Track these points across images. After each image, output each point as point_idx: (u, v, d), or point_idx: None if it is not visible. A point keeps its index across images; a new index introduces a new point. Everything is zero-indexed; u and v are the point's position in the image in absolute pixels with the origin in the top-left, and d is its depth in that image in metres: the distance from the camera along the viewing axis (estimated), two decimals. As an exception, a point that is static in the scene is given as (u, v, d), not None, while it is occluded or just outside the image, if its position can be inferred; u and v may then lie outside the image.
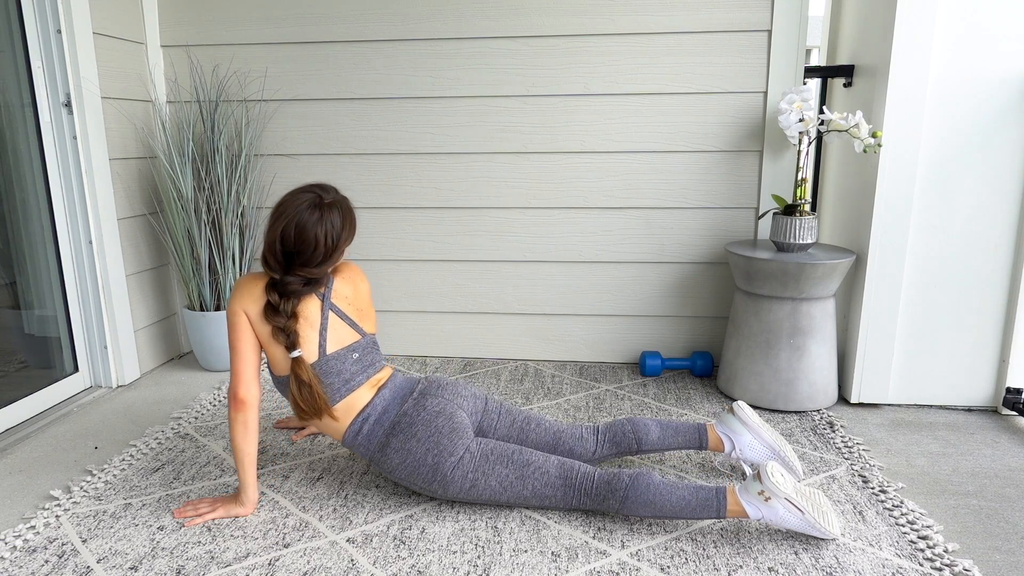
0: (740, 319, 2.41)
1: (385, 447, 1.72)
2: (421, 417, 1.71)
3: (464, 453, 1.69)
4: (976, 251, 2.27)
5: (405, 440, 1.70)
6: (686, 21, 2.51)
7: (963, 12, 2.13)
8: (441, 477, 1.68)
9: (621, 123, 2.62)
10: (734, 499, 1.59)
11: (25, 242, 2.38)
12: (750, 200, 2.64)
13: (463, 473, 1.68)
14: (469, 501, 1.73)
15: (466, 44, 2.61)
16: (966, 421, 2.29)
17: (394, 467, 1.71)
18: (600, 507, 1.68)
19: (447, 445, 1.68)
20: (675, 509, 1.60)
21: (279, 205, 1.69)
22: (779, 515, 1.57)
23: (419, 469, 1.69)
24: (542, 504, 1.71)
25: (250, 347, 1.67)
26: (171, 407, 2.41)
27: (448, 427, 1.70)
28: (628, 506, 1.63)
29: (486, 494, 1.69)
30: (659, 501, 1.61)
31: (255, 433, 1.68)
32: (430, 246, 2.81)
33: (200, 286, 2.66)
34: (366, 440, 1.73)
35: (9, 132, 2.30)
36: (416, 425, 1.70)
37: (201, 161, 2.62)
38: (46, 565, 1.53)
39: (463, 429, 1.72)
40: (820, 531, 1.58)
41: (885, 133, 2.22)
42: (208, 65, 2.73)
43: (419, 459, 1.68)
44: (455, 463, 1.68)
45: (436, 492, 1.71)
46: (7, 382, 2.30)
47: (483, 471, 1.69)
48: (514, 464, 1.69)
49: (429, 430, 1.69)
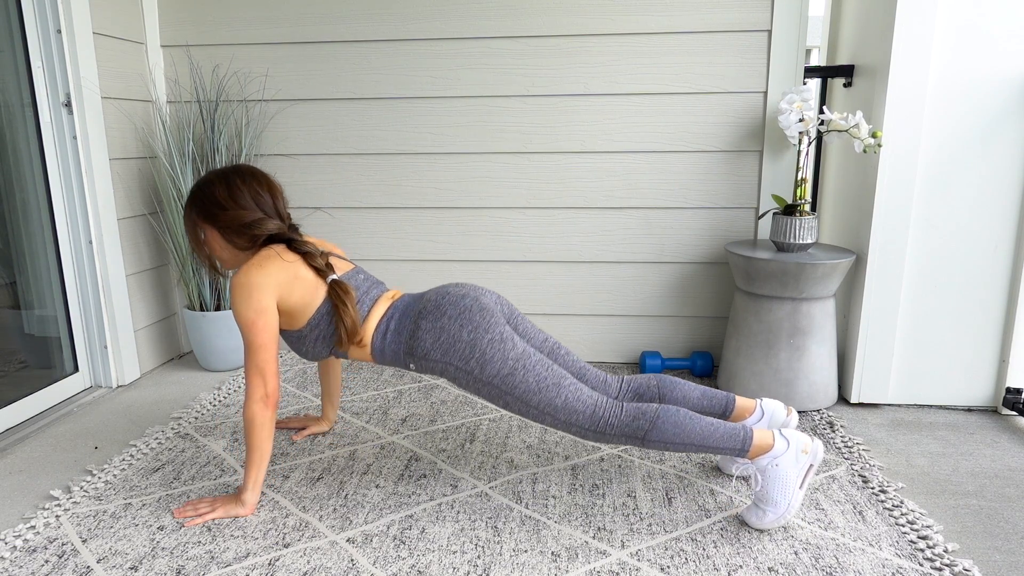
0: (740, 319, 2.41)
1: (415, 333, 1.69)
2: (447, 300, 1.70)
3: (503, 333, 1.67)
4: (976, 251, 2.27)
5: (435, 319, 1.68)
6: (686, 21, 2.51)
7: (963, 12, 2.13)
8: (480, 354, 1.65)
9: (621, 123, 2.62)
10: (760, 433, 1.62)
11: (25, 242, 2.38)
12: (750, 200, 2.64)
13: (503, 355, 1.65)
14: (500, 392, 1.67)
15: (466, 44, 2.61)
16: (966, 421, 2.29)
17: (428, 350, 1.68)
18: (627, 431, 1.64)
19: (481, 322, 1.67)
20: (702, 435, 1.61)
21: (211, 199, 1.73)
22: (786, 468, 1.60)
23: (455, 345, 1.66)
24: (568, 420, 1.66)
25: (274, 340, 1.67)
26: (171, 407, 2.41)
27: (477, 307, 1.69)
28: (657, 429, 1.61)
29: (520, 388, 1.65)
30: (687, 425, 1.61)
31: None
32: (430, 246, 2.81)
33: (200, 286, 2.66)
34: (395, 337, 1.72)
35: (9, 132, 2.30)
36: (443, 306, 1.69)
37: (201, 161, 2.62)
38: (46, 565, 1.54)
39: (494, 312, 1.70)
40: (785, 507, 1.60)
41: (885, 133, 2.22)
42: (208, 65, 2.74)
43: (454, 335, 1.66)
44: (492, 340, 1.66)
45: (473, 372, 1.66)
46: (7, 382, 2.30)
47: (522, 363, 1.66)
48: (551, 372, 1.67)
49: (458, 308, 1.68)
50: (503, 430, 2.20)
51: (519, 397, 1.66)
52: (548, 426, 1.71)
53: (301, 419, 2.21)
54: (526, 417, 1.70)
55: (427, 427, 2.22)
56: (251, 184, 1.74)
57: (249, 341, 1.65)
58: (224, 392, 2.52)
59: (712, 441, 1.61)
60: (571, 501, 1.79)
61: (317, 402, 2.43)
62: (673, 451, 1.66)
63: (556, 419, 1.67)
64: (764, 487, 1.62)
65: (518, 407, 1.68)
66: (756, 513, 1.64)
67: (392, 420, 2.28)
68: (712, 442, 1.61)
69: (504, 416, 2.30)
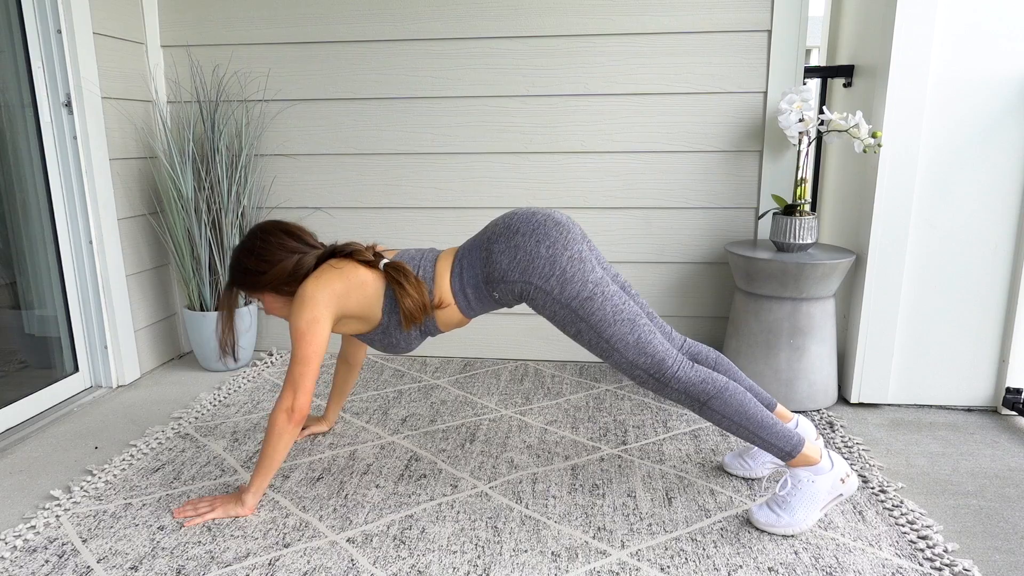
0: (740, 319, 2.41)
1: (489, 258, 1.64)
2: (516, 219, 1.65)
3: (581, 252, 1.62)
4: (976, 251, 2.27)
5: (508, 239, 1.63)
6: (686, 21, 2.51)
7: (963, 12, 2.13)
8: (560, 272, 1.59)
9: (621, 123, 2.62)
10: (811, 445, 1.63)
11: (25, 242, 2.38)
12: (750, 200, 2.64)
13: (583, 276, 1.60)
14: (575, 318, 1.62)
15: (466, 44, 2.61)
16: (966, 421, 2.29)
17: (505, 271, 1.63)
18: (691, 390, 1.62)
19: (558, 237, 1.61)
20: (759, 423, 1.60)
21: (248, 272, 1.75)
22: (820, 488, 1.60)
23: (534, 262, 1.60)
24: (634, 361, 1.61)
25: (317, 357, 1.64)
26: (171, 407, 2.41)
27: (551, 222, 1.63)
28: (722, 400, 1.60)
29: (596, 316, 1.60)
30: (750, 409, 1.61)
31: None
32: (430, 246, 2.81)
33: (200, 286, 2.66)
34: (471, 274, 1.67)
35: (9, 132, 2.30)
36: (514, 225, 1.64)
37: (201, 161, 2.62)
38: (46, 565, 1.54)
39: (570, 228, 1.64)
40: (800, 522, 1.61)
41: (885, 133, 2.22)
42: (208, 65, 2.74)
43: (531, 252, 1.61)
44: (571, 258, 1.60)
45: (552, 291, 1.61)
46: (7, 382, 2.30)
47: (601, 290, 1.60)
48: (628, 306, 1.62)
49: (531, 225, 1.63)
50: (503, 430, 2.20)
51: (593, 326, 1.61)
52: (612, 364, 1.66)
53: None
54: (594, 351, 1.65)
55: (427, 427, 2.22)
56: (271, 238, 1.74)
57: (294, 352, 1.63)
58: (224, 392, 2.52)
59: (765, 433, 1.61)
60: (571, 501, 1.79)
61: (318, 402, 2.43)
62: (721, 426, 1.64)
63: (624, 357, 1.62)
64: (790, 496, 1.61)
65: (589, 337, 1.63)
66: (767, 514, 1.63)
67: (392, 420, 2.28)
68: (765, 434, 1.61)
69: (504, 416, 2.31)
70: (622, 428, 2.21)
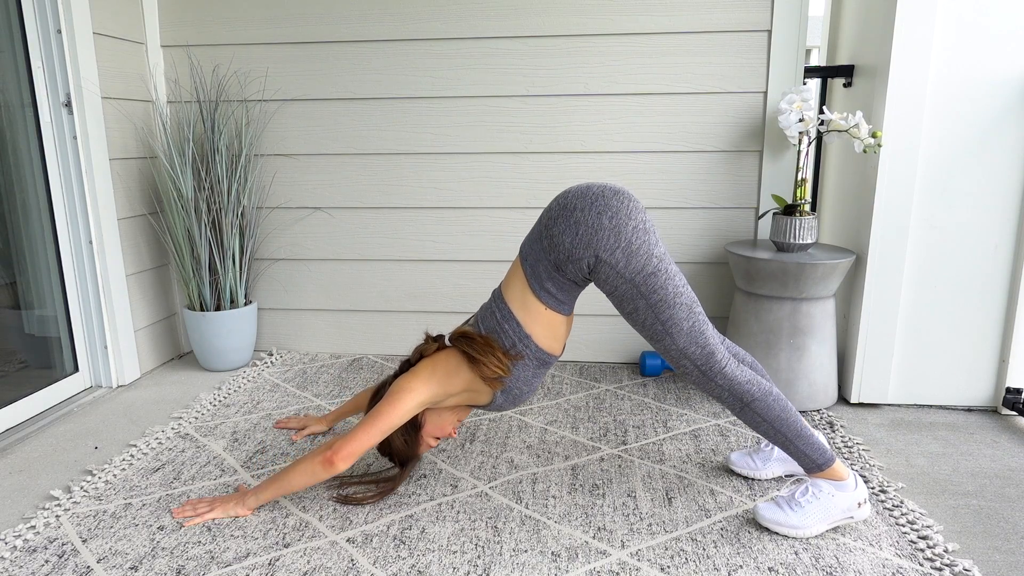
0: (740, 319, 2.41)
1: (551, 243, 1.58)
2: (569, 198, 1.59)
3: (646, 223, 1.56)
4: (976, 251, 2.27)
5: (566, 218, 1.56)
6: (686, 21, 2.51)
7: (963, 12, 2.13)
8: (626, 244, 1.53)
9: (621, 123, 2.62)
10: (841, 463, 1.65)
11: (25, 242, 2.38)
12: (750, 200, 2.64)
13: (648, 249, 1.54)
14: (637, 294, 1.56)
15: (466, 44, 2.61)
16: (966, 421, 2.29)
17: (570, 249, 1.56)
18: (735, 388, 1.60)
19: (619, 207, 1.55)
20: (797, 432, 1.61)
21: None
22: (838, 504, 1.62)
23: (598, 233, 1.53)
24: (683, 349, 1.58)
25: (387, 430, 1.63)
26: (171, 407, 2.41)
27: (609, 192, 1.57)
28: (765, 404, 1.60)
29: (657, 294, 1.54)
30: (791, 417, 1.61)
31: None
32: (430, 246, 2.81)
33: (200, 286, 2.66)
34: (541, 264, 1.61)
35: (9, 132, 2.30)
36: (569, 204, 1.58)
37: (201, 161, 2.62)
38: (46, 565, 1.53)
39: (631, 197, 1.59)
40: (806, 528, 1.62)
41: (885, 133, 2.22)
42: (208, 65, 2.74)
43: (592, 224, 1.54)
44: (636, 229, 1.54)
45: (618, 264, 1.54)
46: (7, 382, 2.30)
47: (664, 266, 1.55)
48: (688, 290, 1.58)
49: (586, 199, 1.57)
50: (503, 430, 2.20)
51: (653, 305, 1.56)
52: (661, 350, 1.62)
53: (300, 419, 2.21)
54: (646, 333, 1.61)
55: (427, 427, 2.22)
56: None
57: (376, 410, 1.63)
58: (224, 392, 2.52)
59: (802, 443, 1.61)
60: (571, 501, 1.78)
61: (317, 402, 2.43)
62: (758, 430, 1.64)
63: (675, 343, 1.58)
64: (807, 503, 1.62)
65: (645, 317, 1.58)
66: (775, 511, 1.63)
67: (392, 420, 2.28)
68: (802, 444, 1.62)
69: (504, 416, 2.30)
70: (622, 428, 2.21)
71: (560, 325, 1.68)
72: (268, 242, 2.88)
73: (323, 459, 1.61)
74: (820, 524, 1.61)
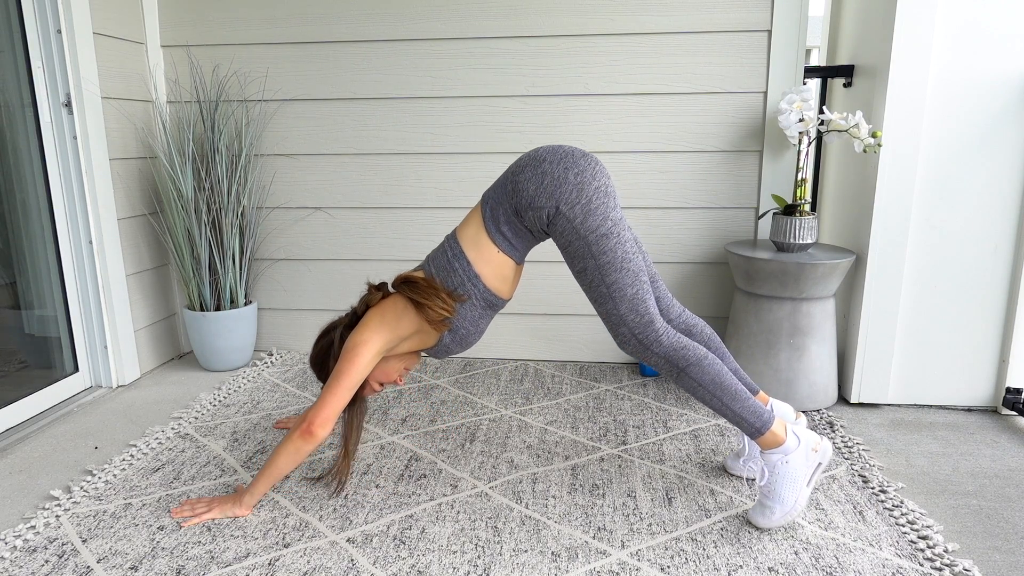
0: (740, 319, 2.41)
1: (516, 187, 1.63)
2: (540, 152, 1.64)
3: (608, 187, 1.61)
4: (976, 251, 2.27)
5: (535, 167, 1.62)
6: (686, 21, 2.51)
7: (963, 12, 2.13)
8: (586, 201, 1.58)
9: (621, 123, 2.62)
10: (779, 423, 1.64)
11: (25, 242, 2.38)
12: (750, 200, 2.64)
13: (605, 211, 1.59)
14: (588, 253, 1.60)
15: (466, 44, 2.61)
16: (966, 421, 2.29)
17: (532, 196, 1.60)
18: (671, 355, 1.63)
19: (586, 167, 1.60)
20: (732, 395, 1.62)
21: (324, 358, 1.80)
22: (796, 466, 1.61)
23: (561, 186, 1.59)
24: (622, 316, 1.62)
25: (352, 388, 1.65)
26: (171, 407, 2.41)
27: (579, 153, 1.63)
28: (700, 368, 1.62)
29: (607, 256, 1.59)
30: (726, 381, 1.63)
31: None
32: (430, 246, 2.81)
33: (200, 286, 2.66)
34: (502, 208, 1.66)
35: (9, 132, 2.30)
36: (540, 156, 1.63)
37: (201, 161, 2.62)
38: (46, 565, 1.54)
39: (597, 161, 1.64)
40: (792, 504, 1.61)
41: (885, 133, 2.22)
42: (208, 65, 2.74)
43: (559, 177, 1.59)
44: (598, 190, 1.59)
45: (575, 220, 1.59)
46: (7, 382, 2.30)
47: (618, 231, 1.60)
48: (637, 260, 1.62)
49: (556, 155, 1.62)
50: (503, 430, 2.20)
51: (601, 266, 1.60)
52: (602, 314, 1.66)
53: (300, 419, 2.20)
54: (590, 294, 1.65)
55: (427, 427, 2.22)
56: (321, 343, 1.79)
57: (337, 370, 1.65)
58: (224, 392, 2.52)
59: (738, 406, 1.62)
60: (571, 501, 1.79)
61: (317, 402, 2.43)
62: (696, 395, 1.66)
63: (616, 309, 1.62)
64: (772, 483, 1.62)
65: (592, 277, 1.62)
66: (763, 512, 1.64)
67: (392, 420, 2.28)
68: (737, 407, 1.62)
69: (504, 416, 2.31)
70: (622, 428, 2.21)
71: (510, 270, 1.72)
72: (268, 242, 2.88)
73: (301, 432, 1.63)
74: (800, 492, 1.61)
